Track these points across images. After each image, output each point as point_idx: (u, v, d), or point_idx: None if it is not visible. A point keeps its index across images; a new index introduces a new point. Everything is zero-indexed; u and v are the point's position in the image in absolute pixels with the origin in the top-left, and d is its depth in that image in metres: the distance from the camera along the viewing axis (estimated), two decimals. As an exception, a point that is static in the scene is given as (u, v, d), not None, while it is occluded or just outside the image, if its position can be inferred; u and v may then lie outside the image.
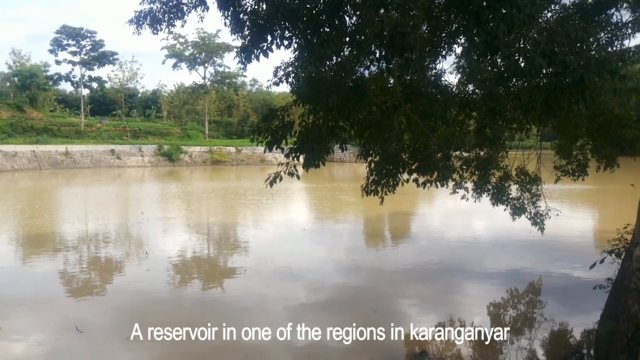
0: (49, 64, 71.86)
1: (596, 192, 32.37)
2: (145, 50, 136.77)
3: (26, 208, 27.10)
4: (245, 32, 7.53)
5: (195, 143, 66.60)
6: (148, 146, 61.48)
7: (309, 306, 11.65)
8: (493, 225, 20.59)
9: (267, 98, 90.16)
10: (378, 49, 6.61)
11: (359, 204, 25.86)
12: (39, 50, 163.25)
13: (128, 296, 12.23)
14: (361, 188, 8.56)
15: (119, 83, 78.61)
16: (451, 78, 21.85)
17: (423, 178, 8.39)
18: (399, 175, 8.15)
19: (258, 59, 7.27)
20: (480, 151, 11.39)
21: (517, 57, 5.49)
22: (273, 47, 7.11)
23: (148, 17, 8.16)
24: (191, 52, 70.76)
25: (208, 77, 74.77)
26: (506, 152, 12.12)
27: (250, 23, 7.39)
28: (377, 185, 8.27)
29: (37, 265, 15.49)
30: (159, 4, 8.07)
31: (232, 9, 7.53)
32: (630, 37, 10.81)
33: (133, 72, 78.55)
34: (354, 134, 7.99)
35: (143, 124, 72.97)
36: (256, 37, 7.18)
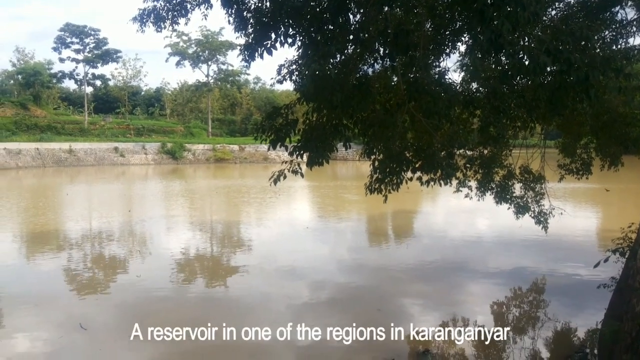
0: (53, 62, 72.39)
1: (600, 191, 32.24)
2: (148, 48, 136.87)
3: (30, 206, 27.17)
4: (249, 30, 7.52)
5: (198, 141, 66.69)
6: (151, 144, 61.59)
7: (312, 305, 11.65)
8: (496, 224, 20.56)
9: (270, 96, 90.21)
10: (382, 47, 6.60)
11: (362, 202, 25.87)
12: (42, 48, 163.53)
13: (131, 294, 12.24)
14: (365, 186, 8.54)
15: (123, 81, 79.01)
16: (455, 76, 21.84)
17: (427, 176, 8.36)
18: (403, 173, 8.13)
19: (262, 57, 7.25)
20: (484, 149, 11.37)
21: (522, 55, 5.47)
22: (277, 45, 7.08)
23: (152, 15, 8.17)
24: (194, 50, 70.89)
25: (211, 75, 74.97)
26: (510, 151, 12.10)
27: (254, 21, 7.38)
28: (381, 183, 8.25)
29: (41, 262, 15.52)
30: (163, 2, 8.08)
31: (236, 7, 7.52)
32: (635, 35, 10.80)
33: (136, 70, 79.01)
34: (358, 132, 7.98)
35: (146, 122, 73.17)
36: (260, 35, 7.16)
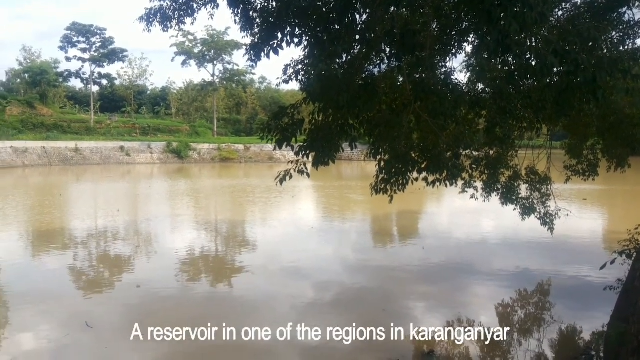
0: (59, 61, 72.52)
1: (607, 193, 32.15)
2: (154, 47, 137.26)
3: (36, 204, 27.30)
4: (255, 30, 7.53)
5: (203, 140, 66.81)
6: (157, 143, 61.78)
7: (316, 305, 11.65)
8: (502, 225, 20.50)
9: (276, 96, 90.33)
10: (389, 47, 6.58)
11: (367, 203, 25.87)
12: (48, 47, 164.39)
13: (135, 293, 12.27)
14: (371, 187, 8.54)
15: (129, 80, 79.30)
16: (461, 77, 21.78)
17: (432, 177, 8.35)
18: (409, 174, 8.13)
19: (268, 57, 7.26)
20: (490, 150, 11.33)
21: (529, 56, 5.45)
22: (283, 45, 7.09)
23: (158, 15, 8.19)
24: (200, 50, 70.96)
25: (217, 75, 75.05)
26: (516, 152, 12.05)
27: (260, 20, 7.39)
28: (387, 183, 8.24)
29: (47, 261, 15.60)
30: (170, 2, 8.09)
31: (242, 7, 7.53)
32: (642, 36, 10.70)
33: (142, 69, 79.30)
34: (364, 132, 7.96)
35: (152, 121, 73.38)
36: (266, 35, 7.17)
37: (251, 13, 7.53)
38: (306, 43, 7.30)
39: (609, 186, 31.62)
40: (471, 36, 8.34)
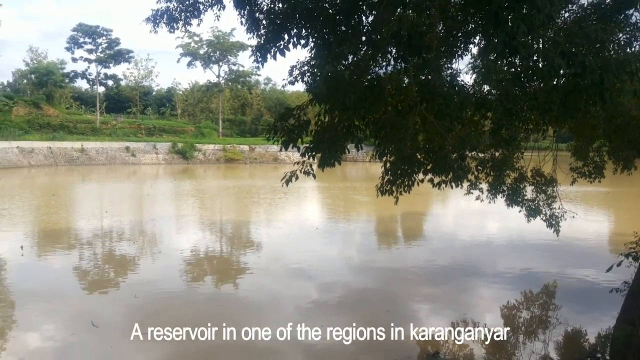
0: (66, 62, 72.93)
1: (613, 195, 32.02)
2: (160, 48, 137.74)
3: (41, 204, 27.42)
4: (261, 31, 7.54)
5: (209, 141, 66.95)
6: (162, 144, 61.94)
7: (321, 305, 11.65)
8: (507, 226, 20.46)
9: (281, 97, 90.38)
10: (395, 49, 6.58)
11: (372, 204, 25.85)
12: (54, 47, 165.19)
13: (141, 293, 12.30)
14: (376, 188, 8.54)
15: (134, 81, 79.67)
16: (467, 78, 21.72)
17: (438, 178, 8.34)
18: (414, 175, 8.13)
19: (274, 58, 7.27)
20: (495, 152, 11.30)
21: (536, 58, 5.44)
22: (289, 46, 7.10)
23: (165, 16, 8.20)
24: (206, 51, 71.19)
25: (222, 76, 75.28)
26: (522, 153, 12.01)
27: (266, 22, 7.40)
28: (393, 185, 8.24)
29: (53, 260, 15.66)
30: (176, 3, 8.11)
31: (249, 8, 7.54)
32: (650, 39, 10.64)
33: (148, 70, 79.69)
34: (369, 134, 7.97)
35: (158, 122, 73.63)
36: (272, 36, 7.18)
37: (257, 14, 7.54)
38: (312, 44, 7.30)
39: (615, 188, 31.49)
40: (477, 38, 8.34)
